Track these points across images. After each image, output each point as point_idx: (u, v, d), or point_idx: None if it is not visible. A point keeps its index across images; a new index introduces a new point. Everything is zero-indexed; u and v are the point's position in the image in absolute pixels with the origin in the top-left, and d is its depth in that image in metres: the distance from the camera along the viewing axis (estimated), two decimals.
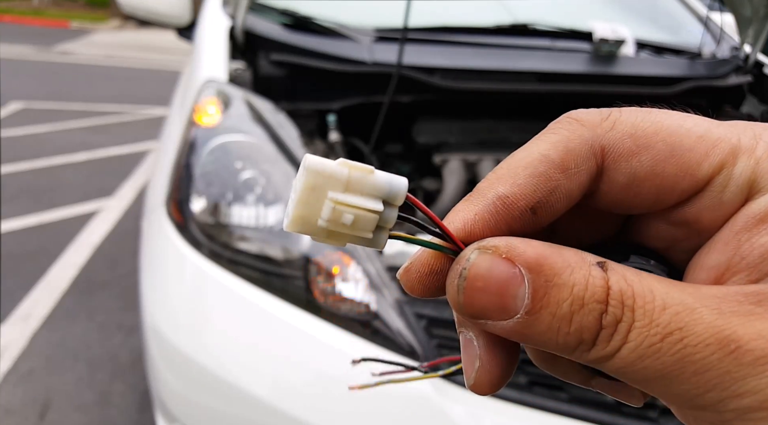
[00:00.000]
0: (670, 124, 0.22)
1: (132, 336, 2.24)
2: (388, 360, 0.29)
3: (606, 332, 0.19)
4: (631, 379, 0.19)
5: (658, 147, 0.21)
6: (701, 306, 0.18)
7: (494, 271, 0.20)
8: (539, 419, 0.98)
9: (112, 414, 1.87)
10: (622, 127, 0.22)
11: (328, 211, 0.20)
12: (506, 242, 0.20)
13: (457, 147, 1.68)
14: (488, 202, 0.22)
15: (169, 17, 2.06)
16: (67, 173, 3.90)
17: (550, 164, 0.21)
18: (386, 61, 1.56)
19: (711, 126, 0.22)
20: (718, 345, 0.17)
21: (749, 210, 0.20)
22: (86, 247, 2.89)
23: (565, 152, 0.22)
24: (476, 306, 0.20)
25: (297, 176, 0.21)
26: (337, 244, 0.21)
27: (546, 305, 0.19)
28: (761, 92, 1.88)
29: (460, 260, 0.21)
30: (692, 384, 0.18)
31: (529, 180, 0.21)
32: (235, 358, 1.06)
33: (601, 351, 0.19)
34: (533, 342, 0.20)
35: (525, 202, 0.21)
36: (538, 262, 0.19)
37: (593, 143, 0.22)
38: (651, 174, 0.21)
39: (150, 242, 1.34)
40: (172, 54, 8.94)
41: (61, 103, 5.66)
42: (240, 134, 1.29)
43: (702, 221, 0.22)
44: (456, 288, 0.21)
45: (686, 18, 2.22)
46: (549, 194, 0.21)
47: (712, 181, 0.21)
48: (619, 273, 0.19)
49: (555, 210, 0.22)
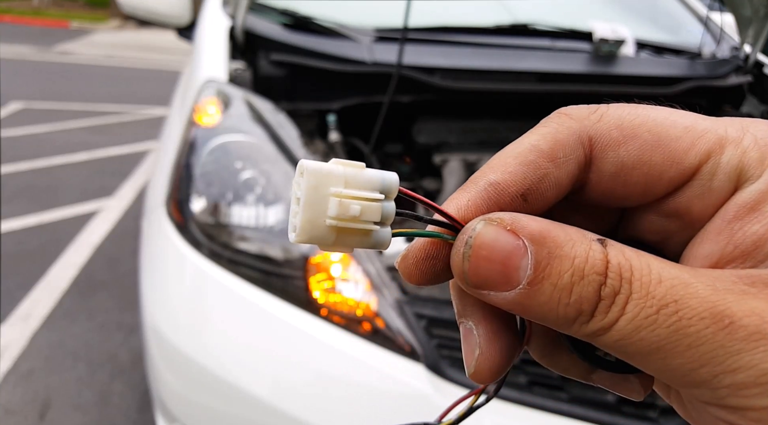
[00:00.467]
0: (656, 116, 0.22)
1: (132, 336, 2.24)
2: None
3: (604, 303, 0.19)
4: (628, 353, 0.19)
5: (644, 137, 0.22)
6: (696, 282, 0.19)
7: (499, 241, 0.20)
8: (539, 419, 0.98)
9: (112, 414, 1.87)
10: (609, 119, 0.23)
11: (335, 205, 0.21)
12: (511, 215, 0.21)
13: (457, 147, 1.68)
14: (480, 188, 0.22)
15: (169, 17, 2.06)
16: (67, 173, 3.90)
17: (539, 153, 0.22)
18: (386, 61, 1.56)
19: (698, 119, 0.22)
20: (712, 319, 0.18)
21: (739, 199, 0.21)
22: (86, 247, 2.89)
23: (554, 142, 0.22)
24: (480, 275, 0.21)
25: (295, 183, 0.22)
26: (344, 249, 0.22)
27: (548, 276, 0.19)
28: (761, 92, 1.88)
29: (466, 230, 0.21)
30: (686, 358, 0.18)
31: (519, 168, 0.22)
32: (235, 358, 1.06)
33: (599, 323, 0.19)
34: (534, 314, 0.20)
35: (516, 188, 0.22)
36: (542, 235, 0.20)
37: (581, 133, 0.23)
38: (638, 163, 0.22)
39: (150, 242, 1.34)
40: (172, 54, 8.94)
41: (61, 104, 5.66)
42: (240, 134, 1.29)
43: (693, 211, 0.22)
44: (461, 256, 0.21)
45: (686, 18, 2.22)
46: (539, 181, 0.22)
47: (700, 170, 0.21)
48: (617, 249, 0.20)
49: (545, 198, 0.23)
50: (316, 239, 0.21)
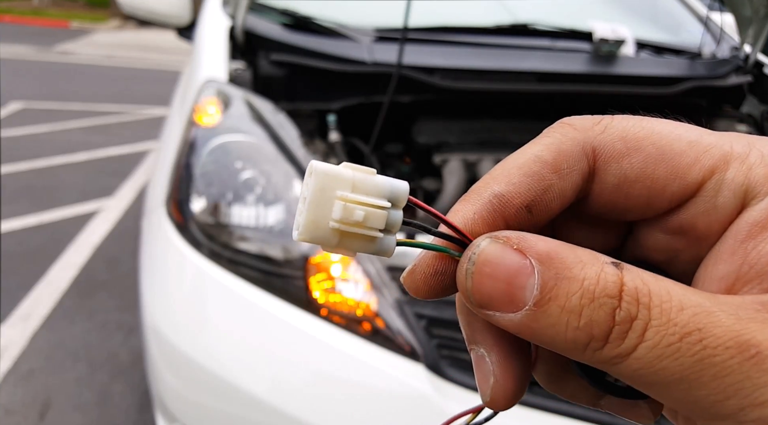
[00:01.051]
0: (661, 129, 0.22)
1: (132, 336, 2.24)
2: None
3: (620, 328, 0.18)
4: (648, 383, 0.18)
5: (648, 150, 0.22)
6: (719, 310, 0.18)
7: (504, 259, 0.20)
8: (539, 419, 0.98)
9: (112, 414, 1.87)
10: (613, 130, 0.22)
11: (339, 209, 0.21)
12: (519, 234, 0.20)
13: (457, 147, 1.68)
14: (485, 200, 0.22)
15: (169, 17, 2.06)
16: (67, 173, 3.90)
17: (543, 165, 0.22)
18: (386, 61, 1.56)
19: (703, 133, 0.22)
20: (737, 349, 0.17)
21: (750, 218, 0.20)
22: (86, 247, 2.89)
23: (558, 153, 0.22)
24: (484, 293, 0.20)
25: (304, 183, 0.22)
26: (347, 252, 0.22)
27: (554, 298, 0.19)
28: (761, 92, 1.88)
29: (471, 247, 0.21)
30: (711, 389, 0.17)
31: (523, 179, 0.22)
32: (235, 358, 1.06)
33: (615, 350, 0.18)
34: (542, 339, 0.19)
35: (520, 200, 0.22)
36: (549, 255, 0.19)
37: (585, 144, 0.22)
38: (641, 176, 0.22)
39: (150, 242, 1.34)
40: (172, 54, 8.94)
41: (61, 104, 5.66)
42: (240, 134, 1.29)
43: (698, 228, 0.22)
44: (465, 273, 0.21)
45: (686, 18, 2.22)
46: (543, 192, 0.22)
47: (704, 186, 0.21)
48: (634, 273, 0.19)
49: (550, 209, 0.22)
50: (319, 239, 0.21)
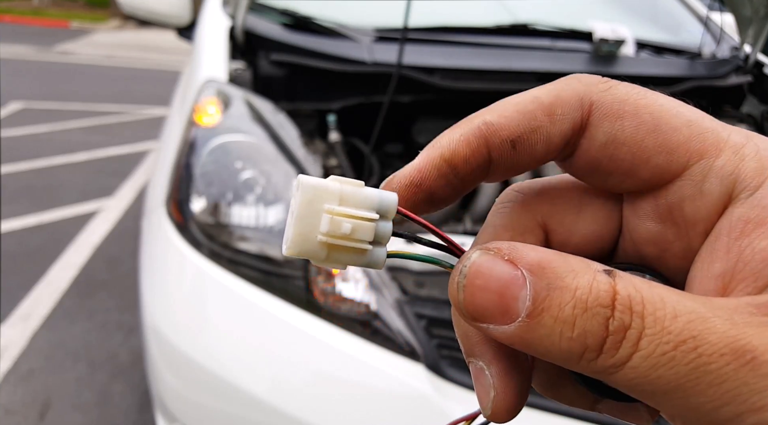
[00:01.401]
0: (663, 103, 0.22)
1: (132, 336, 2.24)
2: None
3: (613, 338, 0.18)
4: (644, 392, 0.18)
5: (644, 118, 0.22)
6: (713, 316, 0.18)
7: (495, 270, 0.20)
8: (539, 419, 0.98)
9: (112, 414, 1.87)
10: (616, 92, 0.23)
11: (327, 222, 0.21)
12: (510, 244, 0.20)
13: None
14: (474, 126, 0.23)
15: (169, 17, 2.06)
16: (67, 173, 3.90)
17: (538, 105, 0.22)
18: (386, 61, 1.56)
19: (705, 118, 0.22)
20: (733, 355, 0.17)
21: (743, 215, 0.20)
22: (86, 247, 2.89)
23: (556, 97, 0.22)
24: (477, 305, 0.20)
25: (292, 197, 0.22)
26: (337, 265, 0.22)
27: (547, 308, 0.19)
28: (761, 92, 1.88)
29: (462, 259, 0.21)
30: (708, 397, 0.17)
31: (515, 115, 0.22)
32: (234, 358, 1.06)
33: (609, 360, 0.18)
34: (536, 350, 0.19)
35: (507, 133, 0.22)
36: (541, 265, 0.19)
37: (584, 97, 0.23)
38: (630, 141, 0.22)
39: (150, 242, 1.34)
40: (172, 54, 8.94)
41: (61, 104, 5.66)
42: (240, 134, 1.29)
43: (685, 212, 0.22)
44: (456, 286, 0.21)
45: (686, 18, 2.22)
46: (531, 131, 0.22)
47: (690, 168, 0.21)
48: (627, 280, 0.19)
49: (534, 151, 0.23)
50: (307, 253, 0.21)
